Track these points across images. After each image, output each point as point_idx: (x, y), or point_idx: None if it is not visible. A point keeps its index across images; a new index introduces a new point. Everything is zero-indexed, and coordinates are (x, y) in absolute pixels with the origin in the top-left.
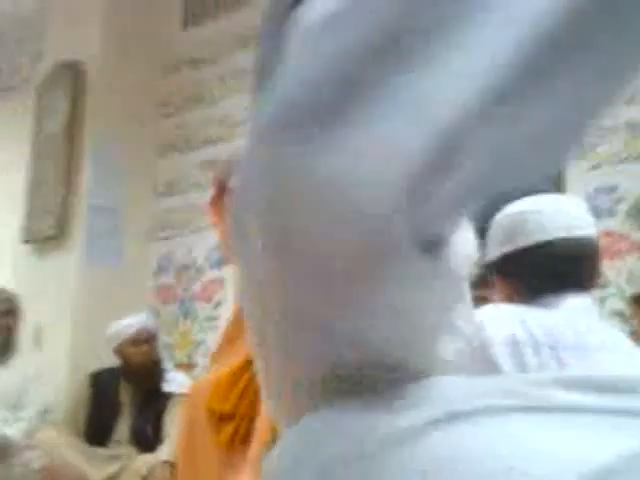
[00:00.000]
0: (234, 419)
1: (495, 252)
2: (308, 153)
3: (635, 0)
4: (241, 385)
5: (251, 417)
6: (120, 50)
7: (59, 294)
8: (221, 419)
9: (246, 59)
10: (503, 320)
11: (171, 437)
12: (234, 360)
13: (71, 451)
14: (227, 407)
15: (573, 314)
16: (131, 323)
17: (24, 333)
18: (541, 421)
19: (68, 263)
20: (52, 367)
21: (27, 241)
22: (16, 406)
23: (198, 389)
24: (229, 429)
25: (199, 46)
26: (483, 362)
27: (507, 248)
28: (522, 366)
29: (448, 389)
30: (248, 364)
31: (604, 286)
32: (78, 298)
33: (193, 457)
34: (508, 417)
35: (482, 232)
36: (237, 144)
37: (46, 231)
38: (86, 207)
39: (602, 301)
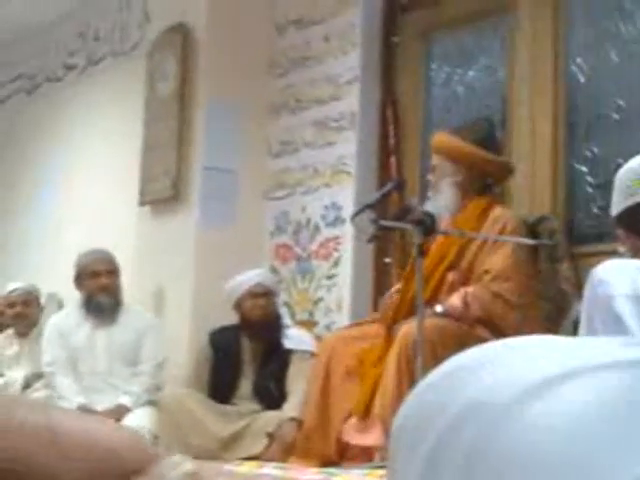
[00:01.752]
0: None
1: (619, 206)
2: None
3: None
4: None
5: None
6: (227, 11)
7: (177, 255)
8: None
9: (349, 18)
10: (625, 273)
11: (295, 393)
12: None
13: (200, 408)
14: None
15: None
16: (248, 277)
17: (141, 293)
18: None
19: (185, 224)
20: (174, 327)
21: (144, 203)
22: (134, 362)
23: (331, 342)
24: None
25: (304, 6)
26: (606, 313)
27: (631, 201)
28: None
29: None
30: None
31: None
32: (196, 259)
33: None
34: None
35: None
36: (345, 102)
37: (162, 193)
38: (201, 168)
39: None
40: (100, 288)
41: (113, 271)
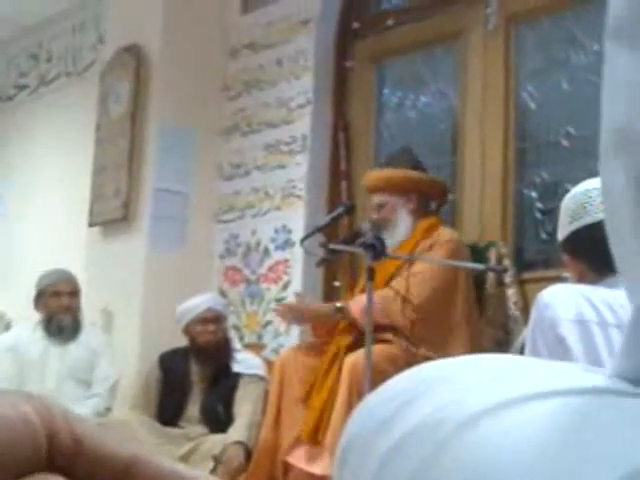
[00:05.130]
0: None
1: (564, 231)
2: None
3: None
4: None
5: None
6: (180, 34)
7: (126, 277)
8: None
9: (302, 43)
10: (570, 298)
11: (242, 417)
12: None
13: (145, 430)
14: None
15: None
16: (198, 302)
17: (90, 313)
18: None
19: (134, 246)
20: (122, 349)
21: (93, 224)
22: (87, 383)
23: (287, 358)
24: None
25: (258, 30)
26: (550, 337)
27: (574, 226)
28: (590, 344)
29: None
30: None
31: None
32: (145, 281)
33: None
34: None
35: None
36: (297, 126)
37: (112, 214)
38: (152, 190)
39: None
40: (61, 308)
41: (74, 292)
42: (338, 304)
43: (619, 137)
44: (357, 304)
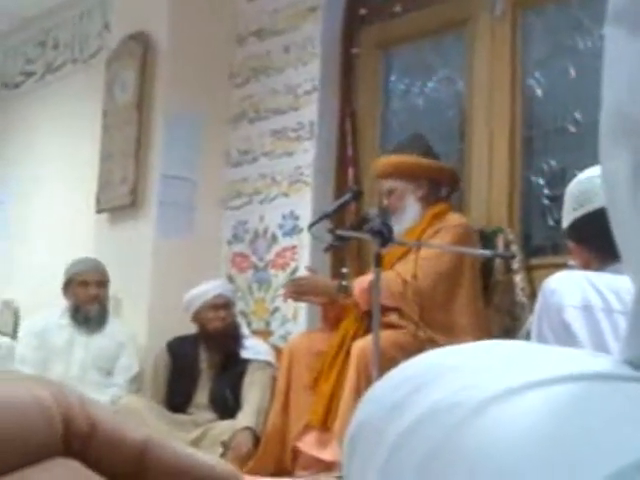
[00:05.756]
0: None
1: (568, 218)
2: None
3: None
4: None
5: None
6: (188, 21)
7: (134, 263)
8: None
9: (309, 30)
10: (575, 285)
11: (249, 403)
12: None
13: (153, 417)
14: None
15: None
16: (208, 289)
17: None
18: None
19: (142, 232)
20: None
21: (101, 211)
22: (110, 372)
23: (295, 345)
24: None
25: (265, 17)
26: (556, 323)
27: (579, 213)
28: (595, 330)
29: None
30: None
31: None
32: (153, 267)
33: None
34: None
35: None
36: (304, 113)
37: (120, 201)
38: (159, 177)
39: None
40: (89, 298)
41: (103, 282)
42: (343, 282)
43: (621, 121)
44: (359, 284)
